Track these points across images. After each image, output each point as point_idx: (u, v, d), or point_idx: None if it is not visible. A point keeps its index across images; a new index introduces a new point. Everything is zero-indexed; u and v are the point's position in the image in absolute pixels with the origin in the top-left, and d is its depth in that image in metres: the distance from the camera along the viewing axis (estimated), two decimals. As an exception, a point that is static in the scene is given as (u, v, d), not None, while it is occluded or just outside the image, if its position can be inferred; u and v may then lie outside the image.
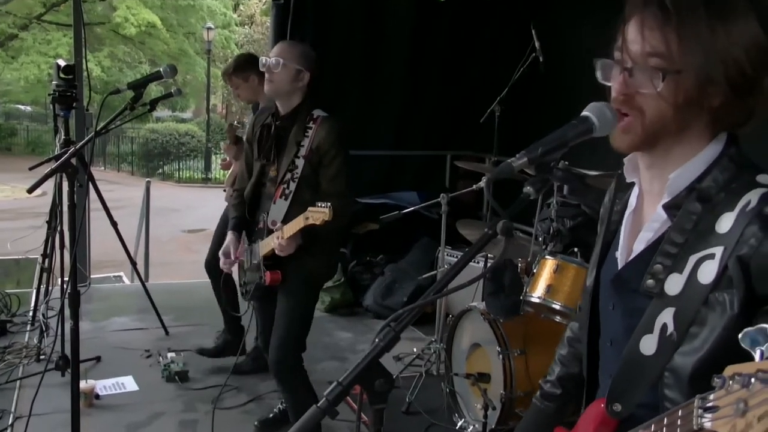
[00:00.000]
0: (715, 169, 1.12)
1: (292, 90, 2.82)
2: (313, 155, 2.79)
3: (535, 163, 1.08)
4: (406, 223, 4.83)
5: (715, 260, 1.05)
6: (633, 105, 1.12)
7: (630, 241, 1.24)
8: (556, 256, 3.15)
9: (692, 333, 1.07)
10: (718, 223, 1.06)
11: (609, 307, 1.27)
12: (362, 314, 5.32)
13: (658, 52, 1.08)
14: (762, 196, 1.04)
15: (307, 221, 2.56)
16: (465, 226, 3.90)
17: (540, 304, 3.10)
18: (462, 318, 3.42)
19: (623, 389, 1.16)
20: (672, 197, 1.14)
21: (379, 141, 5.98)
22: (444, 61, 6.09)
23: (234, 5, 25.99)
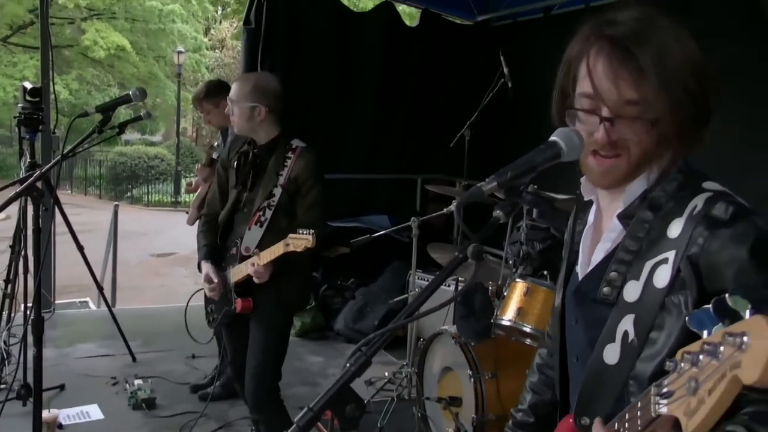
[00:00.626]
0: (663, 180, 1.16)
1: (253, 126, 2.84)
2: (291, 184, 2.80)
3: (504, 187, 1.09)
4: (378, 247, 4.81)
5: (669, 264, 1.08)
6: (620, 147, 1.15)
7: (589, 255, 1.27)
8: (526, 279, 3.17)
9: (652, 338, 1.09)
10: (669, 228, 1.10)
11: (573, 321, 1.29)
12: (333, 338, 5.28)
13: (634, 100, 1.11)
14: (707, 199, 1.08)
15: (287, 248, 2.56)
16: (436, 249, 3.91)
17: (511, 327, 3.11)
18: (433, 341, 3.41)
19: (590, 401, 1.17)
20: (626, 206, 1.18)
21: (351, 165, 5.98)
22: (415, 85, 6.15)
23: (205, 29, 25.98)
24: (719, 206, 1.06)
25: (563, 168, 1.21)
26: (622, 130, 1.14)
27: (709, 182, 1.13)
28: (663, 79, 1.09)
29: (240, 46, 6.00)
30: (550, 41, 5.76)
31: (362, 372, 1.07)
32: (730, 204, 1.06)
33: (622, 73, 1.11)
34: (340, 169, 5.73)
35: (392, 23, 6.05)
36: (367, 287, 5.45)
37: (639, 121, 1.11)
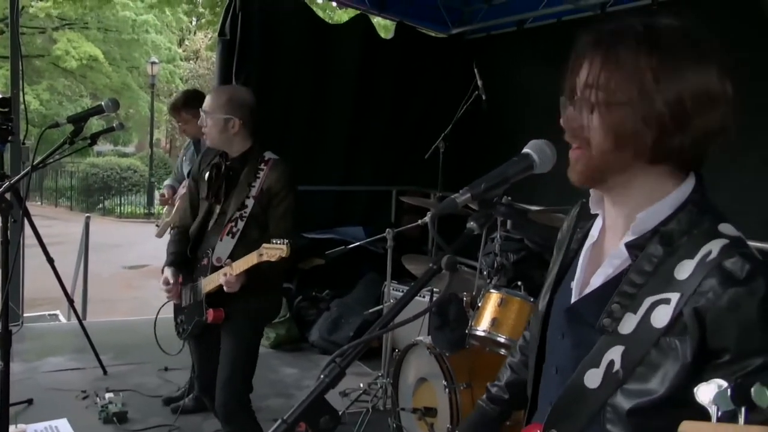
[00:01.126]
0: (680, 213, 1.12)
1: (226, 138, 2.84)
2: (263, 196, 2.80)
3: (478, 199, 1.10)
4: (352, 258, 4.82)
5: (671, 305, 1.05)
6: (580, 137, 1.14)
7: (588, 274, 1.24)
8: (500, 290, 3.19)
9: (639, 373, 1.08)
10: (678, 269, 1.07)
11: (558, 336, 1.27)
12: (308, 350, 5.25)
13: (596, 84, 1.10)
14: (722, 247, 1.04)
15: (261, 258, 2.55)
16: (410, 260, 3.92)
17: (485, 338, 3.12)
18: (408, 352, 3.41)
19: (562, 417, 1.17)
20: (636, 237, 1.14)
21: (326, 176, 5.98)
22: (390, 97, 6.17)
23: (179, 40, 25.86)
24: (735, 261, 1.02)
25: (537, 180, 1.22)
26: (581, 116, 1.12)
27: (724, 225, 1.10)
28: (641, 84, 1.07)
29: (215, 57, 5.97)
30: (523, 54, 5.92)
31: (336, 383, 1.06)
32: (746, 260, 1.02)
33: (596, 60, 1.10)
34: (315, 181, 5.72)
35: (367, 35, 6.07)
36: (342, 298, 5.43)
37: (596, 109, 1.10)
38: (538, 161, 1.14)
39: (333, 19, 12.55)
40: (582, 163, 1.14)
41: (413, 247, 5.27)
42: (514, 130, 4.96)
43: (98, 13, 19.71)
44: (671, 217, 1.12)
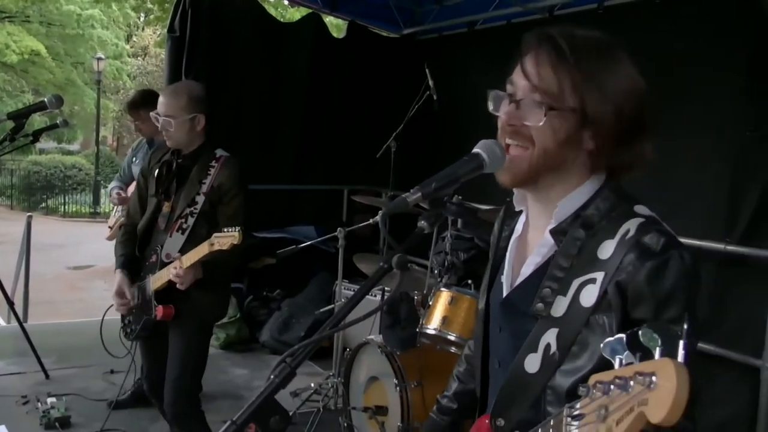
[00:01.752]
0: (597, 198, 1.19)
1: (193, 137, 2.83)
2: (214, 193, 2.78)
3: (428, 198, 1.11)
4: (304, 258, 4.79)
5: (596, 284, 1.11)
6: (523, 135, 1.17)
7: (516, 266, 1.29)
8: (450, 288, 3.21)
9: (573, 352, 1.12)
10: (600, 249, 1.13)
11: (497, 329, 1.31)
12: (258, 350, 5.20)
13: (545, 88, 1.14)
14: (639, 225, 1.11)
15: (212, 247, 2.54)
16: (362, 259, 3.92)
17: (436, 336, 3.13)
18: (359, 351, 3.41)
19: (507, 405, 1.20)
20: (558, 223, 1.20)
21: (277, 175, 5.93)
22: (342, 96, 6.15)
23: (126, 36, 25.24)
24: (652, 236, 1.09)
25: (487, 179, 1.23)
26: (527, 115, 1.16)
27: (639, 206, 1.17)
28: (585, 86, 1.12)
29: (164, 53, 5.86)
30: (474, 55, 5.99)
31: (287, 383, 1.05)
32: (661, 235, 1.10)
33: (542, 59, 1.14)
34: (267, 180, 5.67)
35: (319, 34, 6.04)
36: (293, 298, 5.41)
37: (543, 110, 1.13)
38: (487, 161, 1.16)
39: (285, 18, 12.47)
40: (521, 165, 1.18)
41: (365, 246, 5.26)
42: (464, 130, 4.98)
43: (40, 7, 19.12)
44: (589, 201, 1.19)
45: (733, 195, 3.61)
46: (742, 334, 3.44)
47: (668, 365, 0.74)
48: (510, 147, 1.19)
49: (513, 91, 1.19)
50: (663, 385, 0.73)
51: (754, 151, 3.52)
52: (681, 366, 0.73)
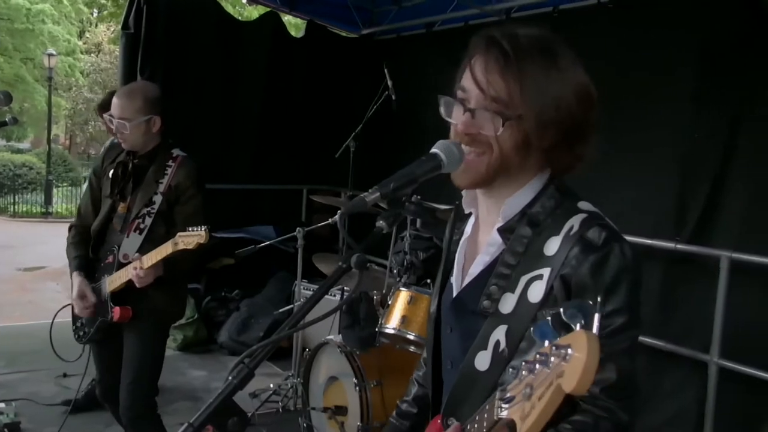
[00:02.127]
0: (542, 197, 1.22)
1: (149, 138, 2.79)
2: (171, 193, 2.75)
3: (387, 198, 1.11)
4: (263, 258, 4.77)
5: (543, 280, 1.13)
6: (480, 142, 1.18)
7: (466, 266, 1.30)
8: (410, 288, 3.22)
9: (521, 348, 1.14)
10: (546, 245, 1.16)
11: (447, 330, 1.32)
12: (217, 351, 5.15)
13: (499, 98, 1.15)
14: (583, 221, 1.14)
15: (176, 246, 2.51)
16: (321, 259, 3.90)
17: (395, 335, 3.15)
18: (319, 351, 3.40)
19: (458, 403, 1.21)
20: (506, 221, 1.22)
21: (236, 175, 5.88)
22: (300, 96, 6.13)
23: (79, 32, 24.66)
24: (594, 231, 1.13)
25: (445, 179, 1.24)
26: (482, 124, 1.17)
27: (583, 202, 1.20)
28: (528, 73, 1.13)
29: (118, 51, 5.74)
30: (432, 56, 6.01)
31: (245, 384, 1.04)
32: (603, 229, 1.13)
33: (491, 66, 1.15)
34: (225, 179, 5.63)
35: (277, 33, 6.00)
36: (252, 298, 5.36)
37: (498, 119, 1.15)
38: (445, 161, 1.16)
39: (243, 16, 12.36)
40: (479, 168, 1.19)
41: (324, 246, 5.25)
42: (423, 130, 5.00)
43: (-13, 1, 18.55)
44: (535, 200, 1.22)
45: (682, 195, 3.71)
46: (690, 330, 3.54)
47: (581, 336, 0.76)
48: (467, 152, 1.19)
49: (465, 97, 1.19)
50: (576, 355, 0.75)
51: (702, 152, 3.63)
52: (593, 336, 0.76)
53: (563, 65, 1.16)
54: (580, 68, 1.19)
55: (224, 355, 5.08)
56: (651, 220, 3.77)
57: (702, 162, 3.63)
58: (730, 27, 3.57)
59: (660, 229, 3.70)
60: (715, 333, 3.30)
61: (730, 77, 3.53)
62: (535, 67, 1.14)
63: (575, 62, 1.18)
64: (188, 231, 2.50)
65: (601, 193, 1.29)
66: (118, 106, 2.73)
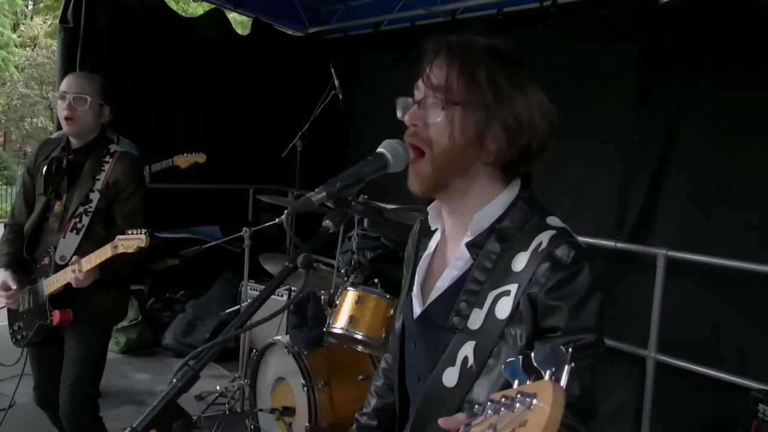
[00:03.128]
0: (512, 211, 1.21)
1: (96, 126, 2.72)
2: (110, 190, 2.67)
3: (333, 198, 1.11)
4: (208, 258, 4.71)
5: (511, 296, 1.13)
6: (422, 137, 1.19)
7: (430, 281, 1.29)
8: (357, 288, 3.23)
9: (489, 365, 1.14)
10: (514, 261, 1.15)
11: (411, 345, 1.31)
12: (161, 354, 5.06)
13: (440, 86, 1.16)
14: (551, 238, 1.14)
15: (116, 250, 2.44)
16: (268, 259, 3.88)
17: (343, 335, 3.14)
18: (266, 352, 3.37)
19: (426, 419, 1.20)
20: (474, 236, 1.21)
21: (180, 174, 5.76)
22: (247, 94, 6.07)
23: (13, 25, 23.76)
24: (563, 249, 1.12)
25: (392, 178, 1.25)
26: (427, 114, 1.18)
27: (551, 218, 1.20)
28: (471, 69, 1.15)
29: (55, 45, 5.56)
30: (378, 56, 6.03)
31: (190, 387, 1.03)
32: (572, 247, 1.13)
33: (440, 61, 1.17)
34: (170, 179, 5.50)
35: (223, 31, 5.94)
36: (198, 299, 5.29)
37: (440, 106, 1.16)
38: (391, 160, 1.17)
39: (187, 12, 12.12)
40: (425, 170, 1.19)
41: (271, 245, 5.22)
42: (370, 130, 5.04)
43: None
44: (504, 215, 1.21)
45: (622, 195, 3.82)
46: (630, 326, 3.64)
47: (547, 387, 0.75)
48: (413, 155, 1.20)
49: (419, 97, 1.21)
50: (540, 406, 0.74)
51: (641, 153, 3.75)
52: (559, 388, 0.74)
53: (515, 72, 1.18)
54: (531, 78, 1.20)
55: (169, 357, 4.99)
56: (592, 220, 3.88)
57: (641, 163, 3.75)
58: (666, 33, 3.69)
59: (601, 229, 3.80)
60: (652, 329, 3.41)
61: (666, 81, 3.65)
62: (479, 62, 1.15)
63: (526, 71, 1.20)
64: (128, 234, 2.43)
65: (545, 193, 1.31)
66: (77, 84, 2.66)
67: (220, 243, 4.32)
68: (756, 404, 2.48)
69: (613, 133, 3.88)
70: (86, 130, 2.69)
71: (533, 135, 1.18)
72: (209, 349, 1.05)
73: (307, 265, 1.07)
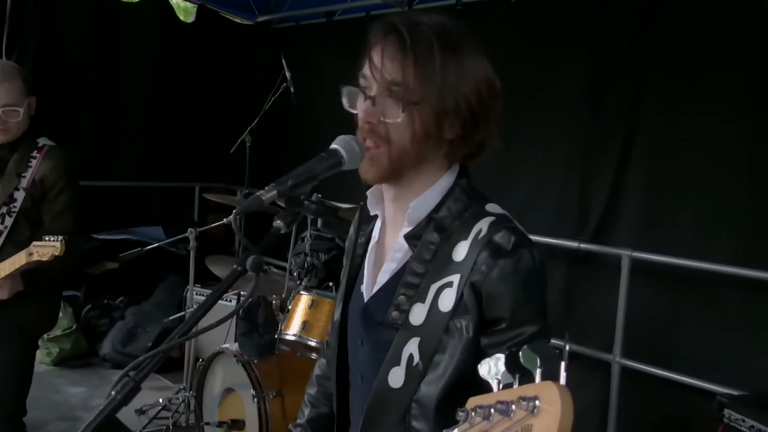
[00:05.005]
0: (449, 200, 1.22)
1: (26, 123, 2.65)
2: (36, 188, 2.60)
3: (285, 196, 1.09)
4: (150, 261, 4.66)
5: (453, 288, 1.14)
6: (379, 134, 1.18)
7: (374, 274, 1.29)
8: (311, 291, 3.22)
9: (436, 361, 1.14)
10: (455, 251, 1.16)
11: (357, 342, 1.30)
12: (98, 365, 4.96)
13: (397, 82, 1.15)
14: (491, 224, 1.16)
15: (30, 257, 2.38)
16: (215, 262, 3.84)
17: (296, 342, 3.13)
18: (213, 361, 3.34)
19: (373, 424, 1.20)
20: (412, 227, 1.22)
21: (120, 171, 5.69)
22: (192, 86, 6.00)
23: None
24: (503, 235, 1.14)
25: (347, 176, 1.25)
26: (384, 111, 1.17)
27: (491, 204, 1.21)
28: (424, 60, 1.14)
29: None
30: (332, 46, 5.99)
31: (130, 400, 1.01)
32: (512, 233, 1.14)
33: (389, 52, 1.16)
34: (108, 176, 5.44)
35: (165, 17, 5.86)
36: (139, 306, 5.22)
37: (399, 106, 1.15)
38: (346, 157, 1.17)
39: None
40: (381, 161, 1.19)
41: (219, 247, 5.18)
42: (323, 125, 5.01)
43: None
44: (441, 203, 1.22)
45: (583, 194, 3.89)
46: (593, 328, 3.71)
47: (551, 389, 0.73)
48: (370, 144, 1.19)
49: (366, 85, 1.20)
50: (547, 409, 0.72)
51: (600, 151, 3.82)
52: (564, 389, 0.73)
53: (465, 54, 1.17)
54: (483, 58, 1.20)
55: (107, 368, 4.90)
56: (553, 220, 3.94)
57: (602, 161, 3.81)
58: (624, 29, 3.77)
59: (562, 229, 3.86)
60: (617, 332, 3.47)
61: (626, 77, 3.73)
62: (433, 53, 1.14)
63: (478, 52, 1.20)
64: (44, 241, 2.36)
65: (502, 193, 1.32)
66: (4, 94, 2.55)
67: (163, 245, 4.27)
68: (721, 409, 2.55)
69: (571, 128, 3.94)
70: (19, 133, 2.63)
71: (484, 115, 1.19)
72: (151, 358, 1.04)
73: (257, 267, 1.06)
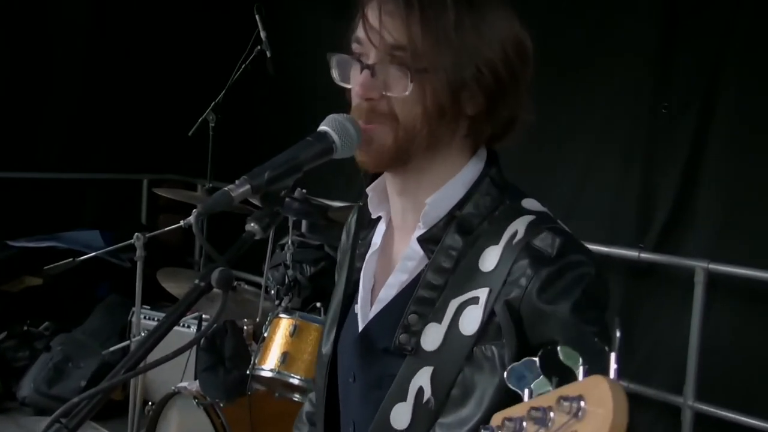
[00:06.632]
0: (476, 193, 1.22)
1: None
2: None
3: (261, 192, 1.10)
4: (85, 275, 4.66)
5: (480, 305, 1.13)
6: (382, 113, 1.18)
7: (376, 290, 1.29)
8: (293, 315, 3.22)
9: (454, 398, 1.14)
10: (482, 259, 1.16)
11: (349, 379, 1.31)
12: (15, 411, 4.97)
13: (401, 45, 1.15)
14: (529, 224, 1.15)
15: None
16: (169, 276, 3.84)
17: (273, 379, 3.14)
18: (167, 405, 3.36)
19: None
20: (428, 228, 1.22)
21: (44, 160, 5.72)
22: (138, 53, 6.05)
23: None
24: (544, 237, 1.13)
25: (340, 167, 1.25)
26: (387, 83, 1.17)
27: (528, 200, 1.21)
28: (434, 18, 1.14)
29: None
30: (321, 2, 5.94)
31: (61, 455, 1.02)
32: (556, 235, 1.13)
33: (389, 8, 1.15)
34: (28, 166, 5.45)
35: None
36: (70, 334, 5.22)
37: (405, 74, 1.15)
38: (338, 142, 1.17)
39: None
40: (385, 140, 1.19)
41: (174, 258, 5.18)
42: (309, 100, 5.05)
43: None
44: (466, 198, 1.22)
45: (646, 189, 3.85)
46: (658, 363, 3.69)
47: (599, 384, 0.73)
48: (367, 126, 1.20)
49: (361, 51, 1.20)
50: (594, 411, 0.72)
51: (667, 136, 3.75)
52: (616, 385, 0.73)
53: (486, 7, 1.18)
54: (508, 12, 1.20)
55: (27, 415, 4.91)
56: (606, 224, 3.91)
57: (669, 149, 3.76)
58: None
59: (618, 235, 3.84)
60: (689, 368, 3.43)
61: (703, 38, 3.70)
62: (445, 6, 1.14)
63: (503, 4, 1.20)
64: None
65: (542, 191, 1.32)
66: None
67: (101, 254, 4.27)
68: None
69: (630, 108, 3.90)
70: None
71: (512, 83, 1.19)
72: (87, 401, 1.04)
73: (225, 283, 1.06)
